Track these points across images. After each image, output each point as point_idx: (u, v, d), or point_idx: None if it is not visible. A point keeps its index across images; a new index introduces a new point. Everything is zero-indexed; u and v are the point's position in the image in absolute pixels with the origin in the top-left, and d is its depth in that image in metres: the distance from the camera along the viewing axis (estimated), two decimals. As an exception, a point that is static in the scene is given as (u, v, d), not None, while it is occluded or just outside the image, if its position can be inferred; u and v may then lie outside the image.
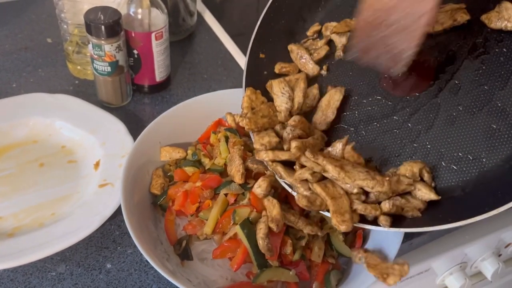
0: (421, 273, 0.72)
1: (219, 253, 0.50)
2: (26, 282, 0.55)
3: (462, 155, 0.47)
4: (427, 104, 0.50)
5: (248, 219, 0.50)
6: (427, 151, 0.48)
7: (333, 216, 0.45)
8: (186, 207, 0.52)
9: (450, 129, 0.48)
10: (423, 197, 0.46)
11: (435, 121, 0.49)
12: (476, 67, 0.48)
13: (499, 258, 0.79)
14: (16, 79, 0.78)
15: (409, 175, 0.47)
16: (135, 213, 0.52)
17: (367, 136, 0.52)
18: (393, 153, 0.50)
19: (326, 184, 0.47)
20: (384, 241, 0.52)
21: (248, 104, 0.54)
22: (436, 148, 0.48)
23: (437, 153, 0.48)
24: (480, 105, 0.47)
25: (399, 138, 0.51)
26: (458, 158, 0.47)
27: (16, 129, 0.68)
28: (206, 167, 0.57)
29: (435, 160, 0.48)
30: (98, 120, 0.69)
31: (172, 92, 0.79)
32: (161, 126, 0.60)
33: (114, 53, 0.68)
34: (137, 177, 0.56)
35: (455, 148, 0.47)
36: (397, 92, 0.52)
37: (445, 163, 0.47)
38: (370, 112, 0.53)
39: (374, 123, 0.52)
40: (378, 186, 0.45)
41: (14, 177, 0.64)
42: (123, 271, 0.56)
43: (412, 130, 0.50)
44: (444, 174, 0.47)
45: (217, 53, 0.87)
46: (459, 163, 0.47)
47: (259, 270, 0.49)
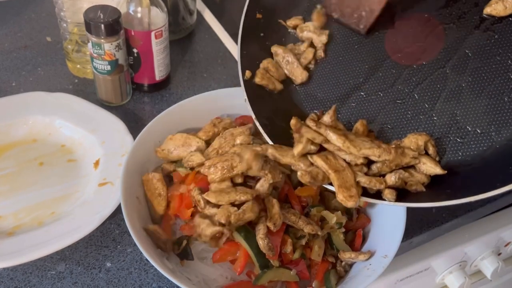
0: (421, 272, 0.72)
1: (219, 257, 0.50)
2: (26, 281, 0.55)
3: (470, 128, 0.45)
4: (435, 74, 0.48)
5: None
6: (433, 123, 0.47)
7: (338, 192, 0.43)
8: (181, 212, 0.52)
9: (458, 101, 0.46)
10: (428, 171, 0.44)
11: (443, 92, 0.47)
12: (488, 36, 0.46)
13: (498, 257, 0.79)
14: (15, 78, 0.78)
15: (413, 148, 0.45)
16: (135, 212, 0.52)
17: (370, 106, 0.50)
18: (398, 125, 0.48)
19: (327, 156, 0.45)
20: (384, 240, 0.52)
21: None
22: (443, 121, 0.46)
23: (444, 126, 0.46)
24: (491, 77, 0.45)
25: (404, 109, 0.48)
26: (466, 132, 0.45)
27: (15, 128, 0.68)
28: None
29: (441, 133, 0.46)
30: (97, 119, 0.69)
31: (171, 91, 0.79)
32: (161, 125, 0.60)
33: (114, 52, 0.68)
34: (137, 176, 0.56)
35: (463, 121, 0.45)
36: (403, 60, 0.50)
37: (452, 136, 0.45)
38: (375, 82, 0.51)
39: (379, 93, 0.50)
40: (385, 155, 0.43)
41: (13, 176, 0.63)
42: (123, 270, 0.56)
43: (418, 101, 0.48)
44: (451, 148, 0.45)
45: (216, 52, 0.87)
46: (467, 136, 0.45)
47: (261, 271, 0.49)
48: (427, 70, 0.49)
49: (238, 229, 0.49)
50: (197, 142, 0.57)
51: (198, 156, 0.53)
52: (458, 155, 0.45)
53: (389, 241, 0.51)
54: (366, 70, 0.53)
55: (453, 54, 0.48)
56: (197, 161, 0.53)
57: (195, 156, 0.54)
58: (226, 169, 0.51)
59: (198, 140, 0.57)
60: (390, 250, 0.49)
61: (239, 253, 0.49)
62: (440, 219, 0.65)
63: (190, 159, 0.54)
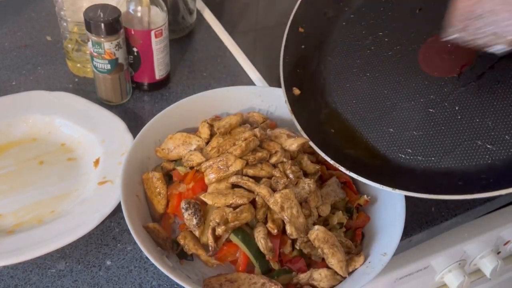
0: (420, 270, 0.72)
1: (219, 258, 0.50)
2: (26, 279, 0.55)
3: (498, 135, 0.48)
4: (466, 86, 0.51)
5: None
6: (463, 129, 0.50)
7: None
8: (180, 211, 0.52)
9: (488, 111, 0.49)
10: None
11: (472, 102, 0.50)
12: None
13: (498, 256, 0.79)
14: (15, 77, 0.78)
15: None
16: (134, 210, 0.52)
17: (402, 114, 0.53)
18: (429, 132, 0.51)
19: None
20: (383, 238, 0.52)
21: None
22: (472, 127, 0.49)
23: (472, 132, 0.49)
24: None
25: (435, 118, 0.51)
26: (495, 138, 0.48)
27: (15, 127, 0.68)
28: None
29: (469, 138, 0.49)
30: (97, 118, 0.69)
31: (171, 90, 0.79)
32: (161, 123, 0.60)
33: (114, 51, 0.68)
34: (137, 174, 0.56)
35: (492, 127, 0.48)
36: (436, 72, 0.53)
37: (481, 141, 0.48)
38: (407, 91, 0.54)
39: (411, 102, 0.53)
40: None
41: (13, 175, 0.64)
42: (123, 268, 0.56)
43: (448, 109, 0.51)
44: (479, 153, 0.48)
45: (216, 51, 0.87)
46: (496, 143, 0.48)
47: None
48: (458, 82, 0.52)
49: (235, 231, 0.49)
50: (197, 141, 0.57)
51: (198, 156, 0.54)
52: (486, 159, 0.47)
53: (388, 239, 0.51)
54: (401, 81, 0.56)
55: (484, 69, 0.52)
56: (196, 161, 0.54)
57: (195, 156, 0.54)
58: (221, 169, 0.51)
59: (198, 139, 0.57)
60: (390, 248, 0.49)
61: (239, 253, 0.49)
62: (439, 217, 0.65)
63: (190, 159, 0.54)
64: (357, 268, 0.49)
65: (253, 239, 0.49)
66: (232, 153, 0.52)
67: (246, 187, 0.51)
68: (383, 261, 0.48)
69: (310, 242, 0.49)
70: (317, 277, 0.48)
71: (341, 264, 0.48)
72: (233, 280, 0.47)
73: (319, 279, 0.48)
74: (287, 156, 0.54)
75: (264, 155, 0.53)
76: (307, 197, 0.51)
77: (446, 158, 0.50)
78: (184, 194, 0.53)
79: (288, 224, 0.49)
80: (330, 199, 0.53)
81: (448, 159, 0.50)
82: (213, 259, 0.49)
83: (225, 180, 0.51)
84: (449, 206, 0.67)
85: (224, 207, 0.49)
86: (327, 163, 0.59)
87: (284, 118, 0.66)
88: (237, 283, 0.47)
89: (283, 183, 0.50)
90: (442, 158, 0.50)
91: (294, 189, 0.50)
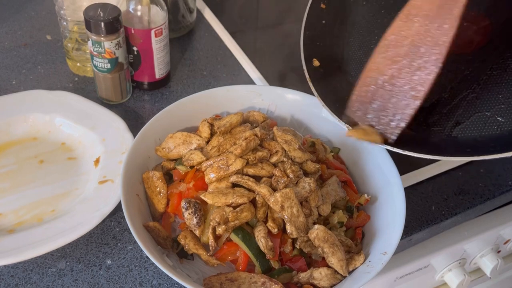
0: (420, 269, 0.72)
1: (219, 257, 0.50)
2: (27, 278, 0.55)
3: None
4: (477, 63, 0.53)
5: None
6: (476, 102, 0.52)
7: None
8: (180, 211, 0.52)
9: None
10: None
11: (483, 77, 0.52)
12: None
13: (498, 255, 0.79)
14: (15, 76, 0.78)
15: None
16: (135, 209, 0.52)
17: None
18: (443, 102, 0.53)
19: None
20: (383, 237, 0.52)
21: None
22: (485, 100, 0.51)
23: (483, 105, 0.51)
24: None
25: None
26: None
27: (15, 126, 0.68)
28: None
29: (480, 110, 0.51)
30: (97, 117, 0.69)
31: (171, 89, 0.79)
32: (161, 122, 0.60)
33: (114, 50, 0.68)
34: (137, 173, 0.56)
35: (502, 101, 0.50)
36: (454, 48, 0.53)
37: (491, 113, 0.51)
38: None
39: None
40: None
41: (13, 174, 0.64)
42: (123, 267, 0.56)
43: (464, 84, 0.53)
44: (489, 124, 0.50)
45: (216, 50, 0.87)
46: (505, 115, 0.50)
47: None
48: (473, 58, 0.54)
49: (235, 230, 0.49)
50: (197, 140, 0.57)
51: (198, 155, 0.54)
52: (495, 130, 0.50)
53: (388, 238, 0.51)
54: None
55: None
56: (197, 160, 0.53)
57: (195, 155, 0.54)
58: (222, 168, 0.51)
59: (199, 139, 0.57)
60: (390, 247, 0.49)
61: (239, 253, 0.49)
62: (439, 216, 0.65)
63: (190, 158, 0.54)
64: (357, 267, 0.50)
65: (254, 238, 0.49)
66: (233, 152, 0.52)
67: (247, 187, 0.51)
68: (383, 260, 0.48)
69: (310, 241, 0.49)
70: (317, 276, 0.48)
71: (341, 263, 0.48)
72: (233, 279, 0.47)
73: (319, 278, 0.48)
74: (287, 156, 0.54)
75: (264, 155, 0.53)
76: (307, 196, 0.51)
77: (457, 128, 0.53)
78: (184, 193, 0.53)
79: (288, 223, 0.49)
80: (330, 198, 0.53)
81: (458, 129, 0.52)
82: (214, 259, 0.49)
83: (225, 179, 0.51)
84: (449, 205, 0.67)
85: (224, 207, 0.49)
86: (327, 162, 0.59)
87: (284, 117, 0.66)
88: (237, 282, 0.47)
89: (284, 183, 0.50)
90: (453, 128, 0.53)
91: (295, 189, 0.50)
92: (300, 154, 0.54)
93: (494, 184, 0.70)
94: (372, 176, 0.59)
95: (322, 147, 0.59)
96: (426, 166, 0.70)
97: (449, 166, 0.71)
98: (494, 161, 0.73)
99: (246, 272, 0.48)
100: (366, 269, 0.48)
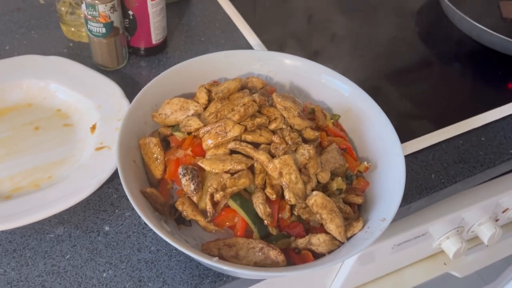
0: (418, 237, 0.73)
1: (217, 223, 0.50)
2: (25, 244, 0.55)
3: None
4: None
5: None
6: None
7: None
8: (177, 177, 0.51)
9: None
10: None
11: None
12: None
13: (496, 223, 0.79)
14: (9, 41, 0.76)
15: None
16: (132, 176, 0.52)
17: None
18: None
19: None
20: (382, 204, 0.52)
21: None
22: None
23: None
24: None
25: None
26: None
27: (9, 92, 0.67)
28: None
29: None
30: (93, 83, 0.67)
31: (169, 55, 0.78)
32: (157, 88, 0.59)
33: (109, 14, 0.66)
34: (134, 139, 0.56)
35: None
36: None
37: None
38: None
39: None
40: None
41: (9, 140, 0.63)
42: (122, 234, 0.56)
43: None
44: None
45: (214, 15, 0.85)
46: None
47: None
48: None
49: (234, 197, 0.48)
50: (194, 106, 0.56)
51: (195, 121, 0.53)
52: None
53: (387, 205, 0.50)
54: None
55: None
56: (194, 126, 0.53)
57: (192, 121, 0.53)
58: (220, 134, 0.50)
59: (196, 105, 0.56)
60: (389, 214, 0.49)
61: (237, 219, 0.49)
62: (439, 184, 0.65)
63: (188, 124, 0.53)
64: (355, 233, 0.49)
65: (252, 205, 0.48)
66: (231, 118, 0.51)
67: (245, 153, 0.50)
68: (382, 226, 0.47)
69: (308, 208, 0.49)
70: (315, 242, 0.48)
71: (339, 230, 0.48)
72: (231, 244, 0.47)
73: (317, 244, 0.47)
74: (286, 123, 0.53)
75: (263, 121, 0.52)
76: (306, 163, 0.50)
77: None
78: (181, 159, 0.52)
79: (286, 190, 0.48)
80: (329, 166, 0.52)
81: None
82: (212, 225, 0.49)
83: (223, 146, 0.51)
84: (449, 173, 0.66)
85: (222, 173, 0.48)
86: (327, 129, 0.58)
87: (283, 84, 0.65)
88: (235, 247, 0.47)
89: (282, 149, 0.50)
90: None
91: (293, 155, 0.50)
92: (299, 121, 0.53)
93: (495, 152, 0.70)
94: (372, 144, 0.58)
95: (322, 114, 0.58)
96: (427, 134, 0.70)
97: (450, 135, 0.70)
98: (496, 130, 0.72)
99: (244, 238, 0.48)
100: (364, 235, 0.48)
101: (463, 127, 0.71)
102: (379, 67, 0.80)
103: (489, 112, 0.74)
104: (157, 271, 0.54)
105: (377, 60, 0.81)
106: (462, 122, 0.72)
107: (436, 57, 0.83)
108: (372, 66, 0.80)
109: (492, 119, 0.73)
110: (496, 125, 0.73)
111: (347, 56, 0.81)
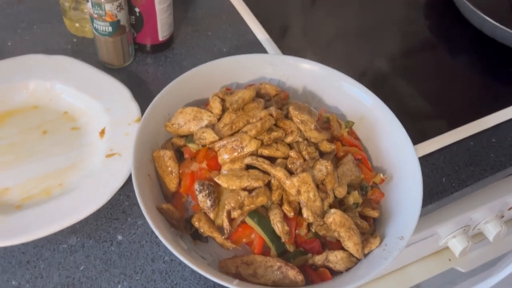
0: (426, 238, 0.73)
1: (234, 239, 0.49)
2: (38, 255, 0.55)
3: None
4: None
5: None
6: None
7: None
8: (192, 192, 0.51)
9: None
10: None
11: None
12: None
13: (501, 220, 0.80)
14: (10, 37, 0.74)
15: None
16: (147, 190, 0.51)
17: None
18: None
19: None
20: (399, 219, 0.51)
21: None
22: None
23: None
24: None
25: None
26: None
27: (15, 93, 0.65)
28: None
29: None
30: (100, 85, 0.66)
31: (175, 51, 0.76)
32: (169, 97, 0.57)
33: (115, 12, 0.64)
34: (147, 152, 0.55)
35: None
36: None
37: None
38: None
39: None
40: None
41: (17, 145, 0.61)
42: (135, 243, 0.56)
43: None
44: None
45: (220, 8, 0.83)
46: None
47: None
48: None
49: (251, 214, 0.48)
50: (208, 116, 0.54)
51: (211, 134, 0.52)
52: None
53: (404, 220, 0.50)
54: None
55: None
56: (209, 139, 0.52)
57: (207, 134, 0.52)
58: (236, 149, 0.49)
59: (210, 115, 0.54)
60: (406, 232, 0.48)
61: (255, 235, 0.49)
62: (450, 188, 0.65)
63: (202, 137, 0.52)
64: (372, 250, 0.49)
65: (269, 222, 0.48)
66: (247, 133, 0.50)
67: (262, 169, 0.50)
68: (400, 245, 0.47)
69: (326, 224, 0.49)
70: (333, 259, 0.48)
71: (357, 247, 0.48)
72: (249, 262, 0.47)
73: (335, 261, 0.48)
74: (303, 136, 0.52)
75: (279, 135, 0.51)
76: (323, 179, 0.50)
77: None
78: (197, 173, 0.52)
79: (304, 208, 0.48)
80: (346, 179, 0.52)
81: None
82: (229, 242, 0.49)
83: (239, 161, 0.50)
84: (460, 176, 0.66)
85: (239, 190, 0.48)
86: (342, 138, 0.57)
87: (296, 88, 0.64)
88: (253, 265, 0.47)
89: (300, 165, 0.49)
90: None
91: (311, 171, 0.49)
92: (316, 134, 0.52)
93: (505, 154, 0.69)
94: (387, 153, 0.58)
95: (337, 124, 0.57)
96: (438, 136, 0.69)
97: (461, 136, 0.70)
98: (506, 131, 0.72)
99: (261, 255, 0.48)
100: (382, 254, 0.48)
101: (474, 128, 0.71)
102: (387, 62, 0.78)
103: (500, 112, 0.73)
104: (171, 281, 0.54)
105: (386, 55, 0.80)
106: (474, 122, 0.71)
107: (446, 52, 0.82)
108: (380, 61, 0.78)
109: (504, 119, 0.73)
110: (507, 126, 0.73)
111: (354, 51, 0.80)
